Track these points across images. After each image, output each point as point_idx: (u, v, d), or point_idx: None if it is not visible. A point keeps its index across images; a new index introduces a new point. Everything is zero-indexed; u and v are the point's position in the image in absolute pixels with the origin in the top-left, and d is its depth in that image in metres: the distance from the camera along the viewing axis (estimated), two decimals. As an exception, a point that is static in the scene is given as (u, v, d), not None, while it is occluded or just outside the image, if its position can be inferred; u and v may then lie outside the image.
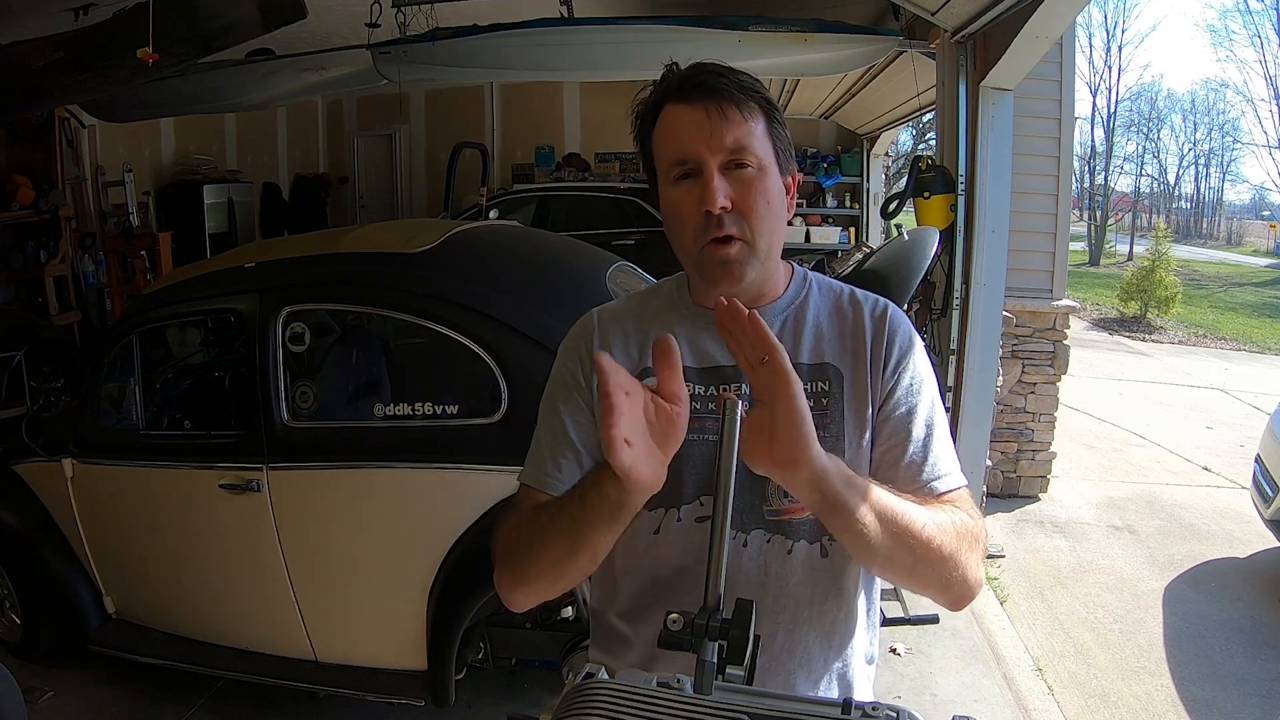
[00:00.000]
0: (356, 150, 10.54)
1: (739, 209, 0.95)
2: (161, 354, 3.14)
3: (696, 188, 0.96)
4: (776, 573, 0.98)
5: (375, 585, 2.40)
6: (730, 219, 0.95)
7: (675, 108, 0.97)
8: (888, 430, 1.00)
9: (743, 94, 0.97)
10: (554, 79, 8.22)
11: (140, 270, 6.23)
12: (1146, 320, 12.45)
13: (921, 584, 0.94)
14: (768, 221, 0.98)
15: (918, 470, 0.98)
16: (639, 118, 1.02)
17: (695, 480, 0.99)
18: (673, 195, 0.99)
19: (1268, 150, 27.15)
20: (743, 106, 0.96)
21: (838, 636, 1.02)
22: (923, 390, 1.02)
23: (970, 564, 0.93)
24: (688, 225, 0.97)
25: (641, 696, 0.68)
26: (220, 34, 3.67)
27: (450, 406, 2.31)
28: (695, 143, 0.95)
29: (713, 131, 0.95)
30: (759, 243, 0.98)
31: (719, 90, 0.96)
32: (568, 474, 1.01)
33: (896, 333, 1.03)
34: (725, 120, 0.95)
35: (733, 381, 1.00)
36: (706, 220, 0.95)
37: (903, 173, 9.97)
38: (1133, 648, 3.28)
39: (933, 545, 0.89)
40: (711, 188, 0.94)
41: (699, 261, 0.99)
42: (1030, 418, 4.74)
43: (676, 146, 0.97)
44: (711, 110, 0.95)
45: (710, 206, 0.94)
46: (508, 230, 3.35)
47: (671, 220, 1.00)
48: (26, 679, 2.68)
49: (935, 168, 3.77)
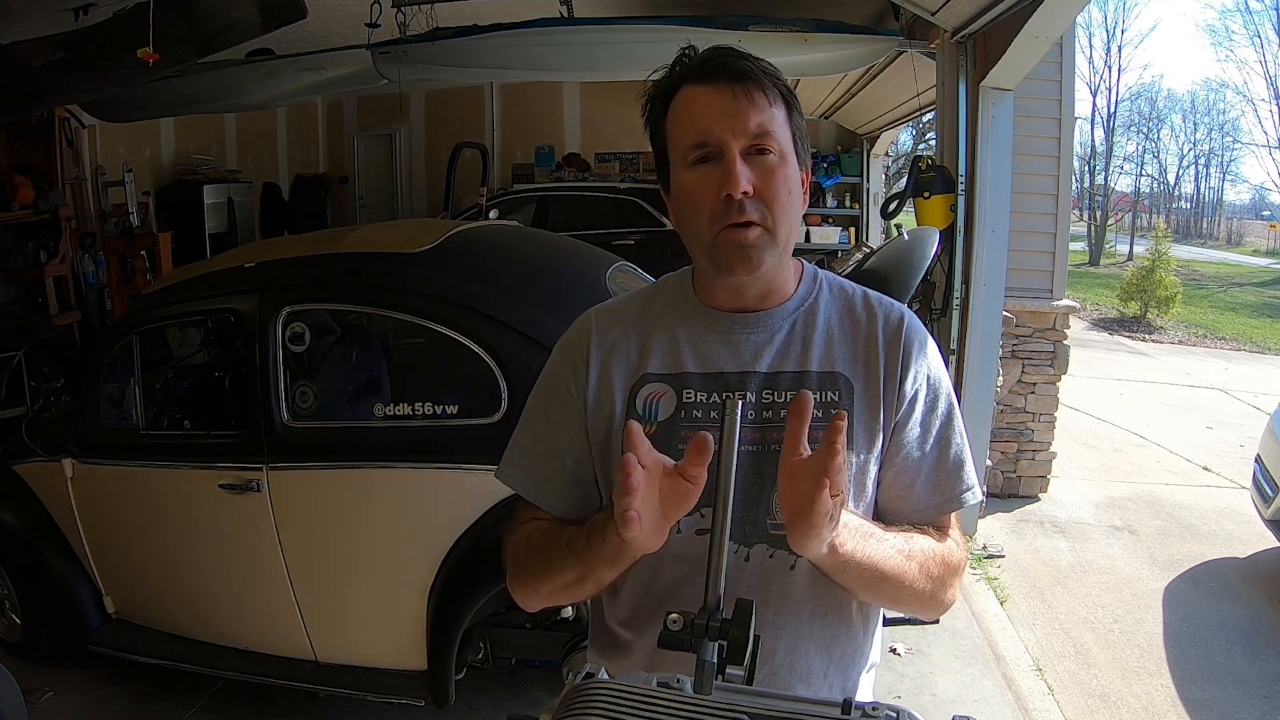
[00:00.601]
0: (356, 150, 10.54)
1: (760, 195, 0.91)
2: (161, 354, 3.14)
3: (715, 172, 0.91)
4: (779, 588, 0.97)
5: (375, 585, 2.40)
6: (751, 204, 0.91)
7: (695, 89, 0.93)
8: (902, 452, 0.99)
9: (767, 78, 0.93)
10: (554, 79, 8.22)
11: (140, 270, 6.23)
12: (1146, 320, 12.44)
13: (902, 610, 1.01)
14: (789, 210, 0.94)
15: (928, 495, 1.00)
16: (650, 102, 0.98)
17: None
18: (688, 179, 0.94)
19: (1268, 150, 27.19)
20: (767, 90, 0.93)
21: (838, 650, 1.01)
22: (936, 407, 1.01)
23: (948, 593, 1.00)
24: (704, 210, 0.93)
25: (641, 696, 0.68)
26: (220, 34, 3.67)
27: (450, 406, 2.31)
28: (717, 124, 0.91)
29: (737, 113, 0.91)
30: (780, 231, 0.94)
31: (743, 72, 0.92)
32: (559, 488, 1.03)
33: (913, 345, 1.00)
34: (751, 103, 0.91)
35: (736, 389, 0.97)
36: (726, 205, 0.91)
37: (903, 173, 9.98)
38: (1133, 648, 3.28)
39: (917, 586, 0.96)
40: (735, 171, 0.90)
41: (713, 248, 0.94)
42: (1030, 418, 4.74)
43: (695, 129, 0.92)
44: (737, 91, 0.91)
45: (732, 190, 0.90)
46: (508, 230, 3.35)
47: (685, 206, 0.95)
48: (26, 679, 2.68)
49: (935, 168, 3.77)
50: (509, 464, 1.06)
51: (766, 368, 0.98)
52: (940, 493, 1.01)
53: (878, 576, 0.92)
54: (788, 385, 0.98)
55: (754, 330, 0.99)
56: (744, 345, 0.99)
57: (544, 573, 0.97)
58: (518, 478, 1.04)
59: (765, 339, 0.99)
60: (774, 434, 0.96)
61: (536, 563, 0.99)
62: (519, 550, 1.02)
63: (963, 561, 1.01)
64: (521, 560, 1.01)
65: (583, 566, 0.92)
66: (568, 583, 0.95)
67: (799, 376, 0.98)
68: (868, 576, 0.91)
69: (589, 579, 0.94)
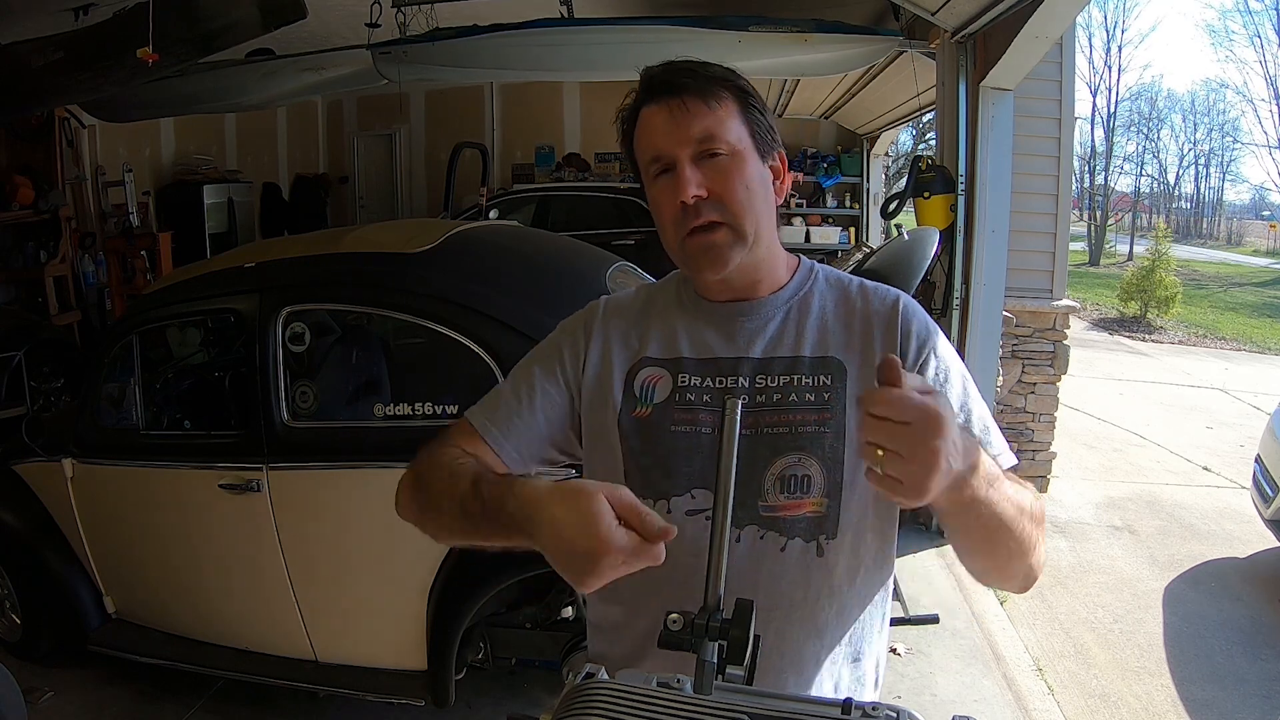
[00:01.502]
0: (356, 150, 10.54)
1: (717, 195, 0.96)
2: (161, 354, 3.14)
3: (672, 182, 0.97)
4: (769, 570, 0.97)
5: (375, 585, 2.40)
6: (709, 206, 0.96)
7: (649, 109, 0.99)
8: None
9: (709, 85, 0.97)
10: (554, 79, 8.23)
11: (140, 270, 6.23)
12: (1146, 320, 12.45)
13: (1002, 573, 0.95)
14: (750, 206, 0.97)
15: None
16: (622, 125, 1.04)
17: (687, 472, 0.98)
18: (654, 193, 1.00)
19: (1268, 150, 27.15)
20: (708, 98, 0.97)
21: (829, 636, 1.00)
22: (950, 378, 1.00)
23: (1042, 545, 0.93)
24: (668, 219, 0.99)
25: (641, 696, 0.68)
26: (220, 34, 3.67)
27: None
28: (665, 140, 0.97)
29: (682, 126, 0.96)
30: (745, 227, 0.97)
31: (681, 86, 0.97)
32: (514, 440, 1.03)
33: (912, 322, 1.02)
34: (688, 113, 0.96)
35: (729, 375, 1.00)
36: (683, 212, 0.96)
37: (903, 173, 9.97)
38: (1133, 648, 3.28)
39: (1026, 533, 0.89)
40: (683, 178, 0.95)
41: (683, 254, 1.00)
42: (1030, 418, 4.74)
43: (650, 145, 0.99)
44: (674, 106, 0.96)
45: (683, 197, 0.95)
46: (508, 230, 3.35)
47: (656, 217, 1.01)
48: (26, 679, 2.68)
49: (935, 168, 3.77)
50: (480, 406, 1.08)
51: (760, 353, 1.01)
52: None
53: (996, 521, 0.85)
54: (781, 371, 1.00)
55: (748, 317, 1.03)
56: (738, 332, 1.02)
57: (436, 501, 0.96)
58: (481, 417, 1.06)
59: (759, 326, 1.02)
60: (766, 418, 0.97)
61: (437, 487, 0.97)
62: (428, 464, 1.01)
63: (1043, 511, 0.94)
64: (424, 474, 1.00)
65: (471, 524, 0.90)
66: (449, 526, 0.95)
67: (792, 361, 1.00)
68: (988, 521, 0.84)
69: (472, 537, 0.92)
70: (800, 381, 0.99)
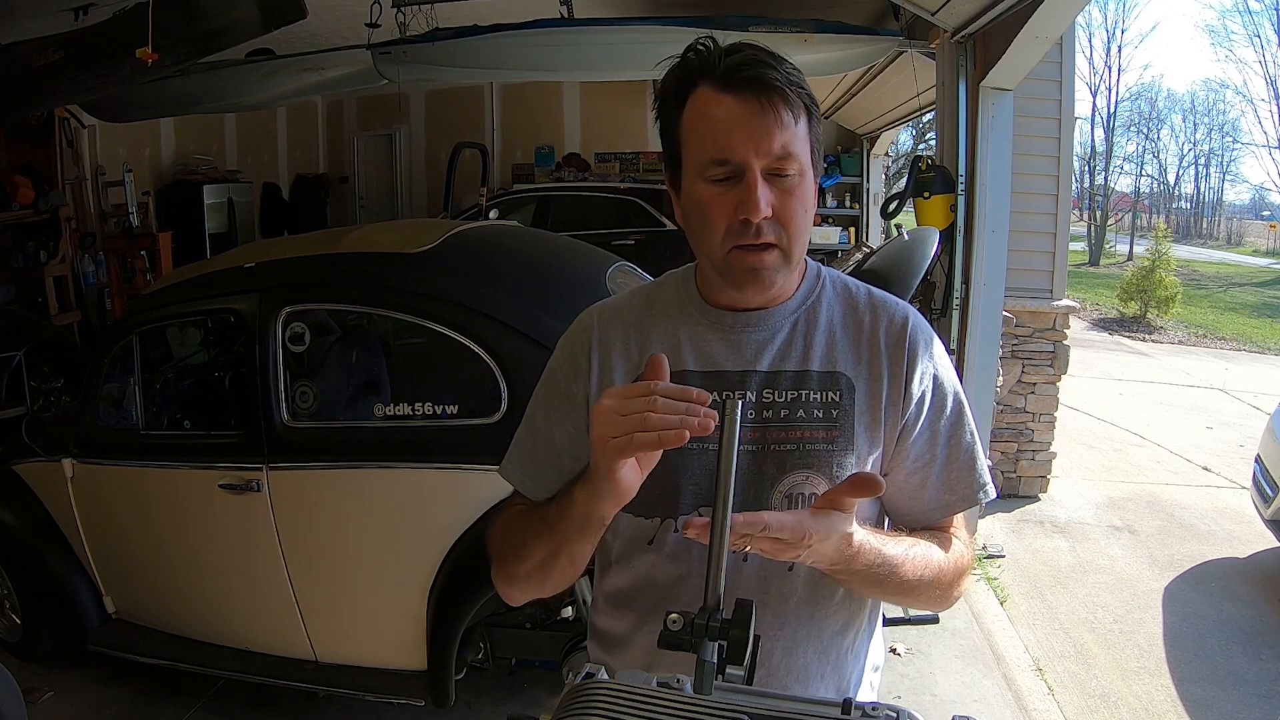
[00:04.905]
0: (356, 150, 10.54)
1: (779, 217, 0.89)
2: (161, 354, 3.14)
3: (733, 192, 0.88)
4: (777, 589, 0.96)
5: (375, 585, 2.40)
6: (769, 226, 0.89)
7: (716, 95, 0.88)
8: (913, 453, 0.99)
9: (792, 90, 0.88)
10: (554, 79, 8.21)
11: (140, 270, 6.23)
12: (1146, 320, 12.45)
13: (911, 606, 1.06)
14: (804, 229, 0.92)
15: (940, 495, 1.01)
16: (664, 98, 0.93)
17: (694, 491, 0.96)
18: (704, 194, 0.90)
19: (1268, 150, 27.14)
20: (792, 105, 0.88)
21: (835, 651, 1.01)
22: (945, 407, 1.00)
23: (956, 591, 1.01)
24: (718, 228, 0.90)
25: (641, 696, 0.68)
26: (220, 34, 3.67)
27: (450, 407, 2.31)
28: (741, 144, 0.87)
29: (764, 135, 0.86)
30: (795, 251, 0.93)
31: (770, 85, 0.87)
32: (554, 484, 1.02)
33: (918, 346, 0.99)
34: (777, 120, 0.87)
35: (737, 388, 0.96)
36: (743, 227, 0.89)
37: (903, 173, 9.96)
38: (1133, 648, 3.28)
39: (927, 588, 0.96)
40: (755, 196, 0.87)
41: (724, 265, 0.92)
42: (1030, 418, 4.74)
43: (716, 144, 0.88)
44: (765, 108, 0.86)
45: (752, 216, 0.87)
46: (508, 230, 3.35)
47: (698, 218, 0.92)
48: (26, 679, 2.68)
49: (935, 168, 3.77)
50: (510, 460, 1.06)
51: (767, 366, 0.97)
52: (952, 491, 1.00)
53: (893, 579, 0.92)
54: (788, 384, 0.97)
55: (755, 329, 0.98)
56: (745, 344, 0.98)
57: (520, 550, 0.98)
58: (517, 474, 1.05)
59: (766, 338, 0.98)
60: (773, 434, 0.95)
61: (513, 544, 0.99)
62: (499, 535, 1.03)
63: (971, 559, 1.02)
64: (500, 543, 1.02)
65: (555, 538, 0.93)
66: (542, 559, 0.95)
67: (800, 376, 0.97)
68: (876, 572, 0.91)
69: (561, 553, 0.93)
70: (809, 397, 0.96)
